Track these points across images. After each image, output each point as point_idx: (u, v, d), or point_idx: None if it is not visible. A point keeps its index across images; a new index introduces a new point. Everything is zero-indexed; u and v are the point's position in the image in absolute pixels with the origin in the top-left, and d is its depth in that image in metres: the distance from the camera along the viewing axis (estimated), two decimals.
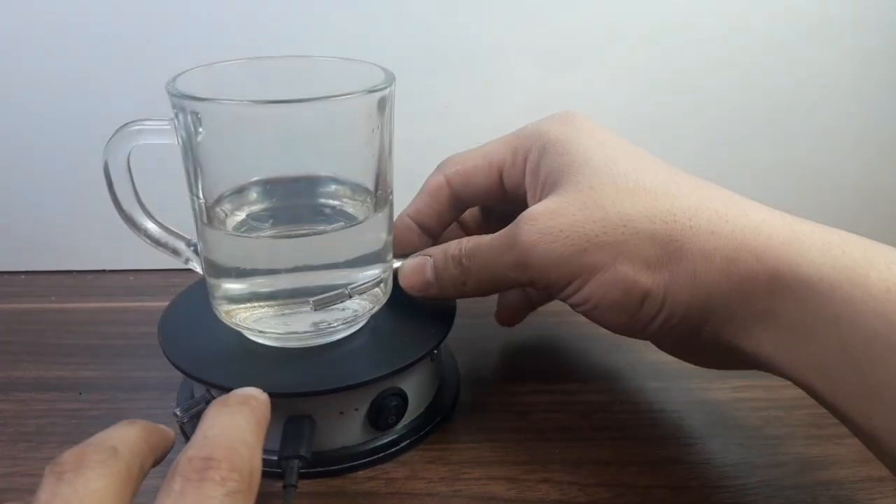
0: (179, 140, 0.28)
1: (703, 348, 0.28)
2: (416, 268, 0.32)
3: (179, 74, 0.28)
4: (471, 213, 0.37)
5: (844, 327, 0.23)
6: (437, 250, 0.32)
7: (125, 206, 0.31)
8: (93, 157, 0.30)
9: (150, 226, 0.32)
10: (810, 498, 0.30)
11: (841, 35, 0.47)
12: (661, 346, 0.31)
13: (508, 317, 0.39)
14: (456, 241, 0.31)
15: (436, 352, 0.33)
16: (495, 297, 0.47)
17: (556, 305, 0.47)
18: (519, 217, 0.28)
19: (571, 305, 0.29)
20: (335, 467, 0.31)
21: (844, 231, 0.25)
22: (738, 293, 0.25)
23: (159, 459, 0.23)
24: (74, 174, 0.47)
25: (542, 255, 0.27)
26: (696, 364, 0.31)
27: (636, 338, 0.30)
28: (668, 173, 0.28)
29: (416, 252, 0.34)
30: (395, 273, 0.33)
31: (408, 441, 0.33)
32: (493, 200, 0.34)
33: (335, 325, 0.31)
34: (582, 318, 0.44)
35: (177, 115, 0.28)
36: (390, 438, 0.32)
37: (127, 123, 0.29)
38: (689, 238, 0.26)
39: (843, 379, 0.23)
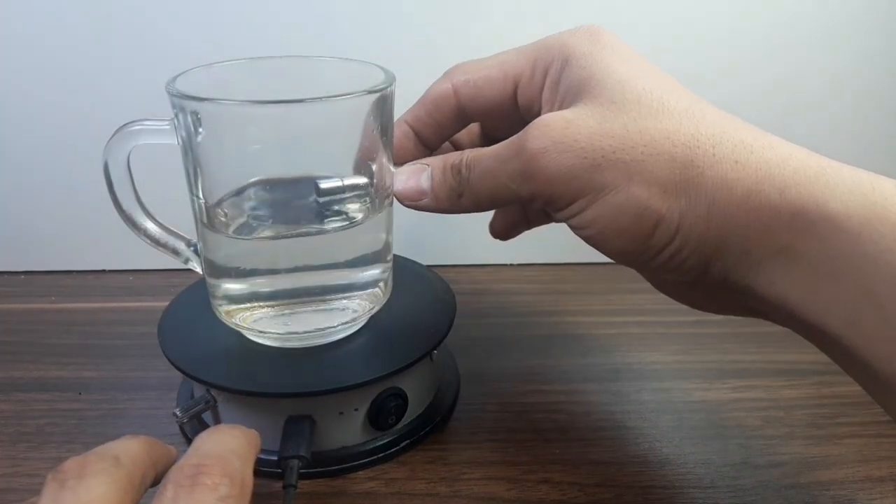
0: (179, 140, 0.28)
1: (706, 288, 0.27)
2: (413, 175, 0.30)
3: (179, 74, 0.28)
4: (468, 133, 0.34)
5: (870, 267, 0.21)
6: (436, 159, 0.30)
7: (125, 206, 0.31)
8: (93, 157, 0.30)
9: (150, 226, 0.32)
10: (810, 498, 0.30)
11: (841, 35, 0.47)
12: (661, 284, 0.29)
13: (503, 229, 0.36)
14: (458, 152, 0.29)
15: (435, 352, 0.33)
16: (496, 296, 0.48)
17: (555, 305, 0.47)
18: (530, 123, 0.26)
19: (573, 228, 0.27)
20: (335, 467, 0.31)
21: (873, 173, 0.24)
22: (757, 228, 0.24)
23: (160, 474, 0.23)
24: (74, 174, 0.47)
25: (550, 165, 0.25)
26: (691, 305, 0.30)
27: (639, 269, 0.28)
28: (694, 98, 0.26)
29: (405, 161, 0.31)
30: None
31: (408, 441, 0.33)
32: (501, 117, 0.31)
33: (335, 325, 0.31)
34: (582, 318, 0.45)
35: (177, 116, 0.28)
36: (390, 439, 0.32)
37: (127, 123, 0.29)
38: (711, 165, 0.24)
39: (864, 321, 0.22)
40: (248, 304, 0.31)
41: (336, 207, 0.31)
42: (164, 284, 0.48)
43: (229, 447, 0.23)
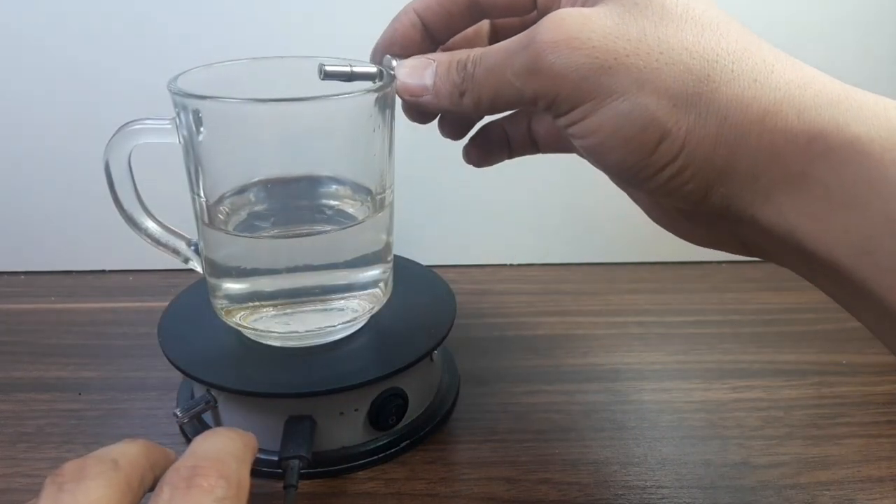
0: (181, 139, 0.28)
1: (704, 217, 0.26)
2: (416, 69, 0.28)
3: (181, 74, 0.28)
4: (476, 32, 0.32)
5: (891, 194, 0.21)
6: (443, 55, 0.28)
7: (126, 205, 0.31)
8: (93, 157, 0.30)
9: (151, 225, 0.32)
10: (810, 498, 0.30)
11: (841, 36, 0.47)
12: (655, 210, 0.28)
13: (477, 154, 0.33)
14: (465, 49, 0.27)
15: (436, 352, 0.33)
16: (496, 296, 0.48)
17: (554, 305, 0.47)
18: (546, 17, 0.24)
19: (572, 136, 0.25)
20: (335, 468, 0.31)
21: None
22: (768, 152, 0.22)
23: (158, 477, 0.23)
24: (74, 174, 0.47)
25: (559, 61, 0.23)
26: (683, 237, 0.28)
27: (636, 189, 0.27)
28: (722, 12, 0.24)
29: (409, 54, 0.29)
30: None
31: (408, 441, 0.33)
32: (517, 13, 0.29)
33: (336, 325, 0.31)
34: (582, 318, 0.45)
35: (178, 114, 0.28)
36: (390, 439, 0.32)
37: (128, 123, 0.29)
38: (728, 81, 0.22)
39: (880, 250, 0.21)
40: (249, 304, 0.31)
41: (336, 207, 0.31)
42: (164, 284, 0.48)
43: (226, 449, 0.23)
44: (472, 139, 0.33)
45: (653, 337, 0.42)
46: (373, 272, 0.32)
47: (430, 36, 0.30)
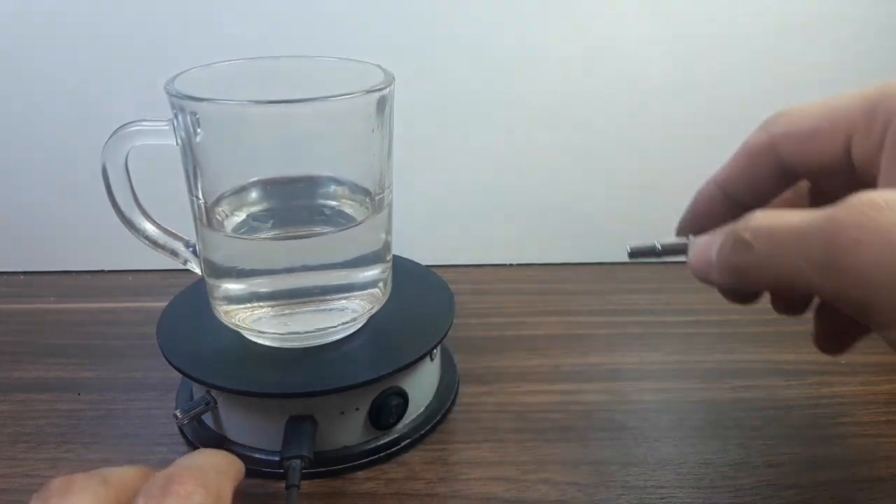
0: (179, 140, 0.28)
1: None
2: (703, 247, 0.25)
3: (178, 74, 0.28)
4: (796, 193, 0.28)
5: None
6: (729, 226, 0.24)
7: (123, 208, 0.31)
8: (92, 158, 0.30)
9: (149, 227, 0.31)
10: (810, 498, 0.30)
11: (842, 38, 0.47)
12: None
13: (826, 340, 0.27)
14: (749, 214, 0.22)
15: (435, 351, 0.33)
16: (496, 296, 0.48)
17: (554, 305, 0.47)
18: (851, 196, 0.19)
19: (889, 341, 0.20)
20: (336, 467, 0.31)
21: None
22: None
23: None
24: (74, 174, 0.47)
25: (865, 262, 0.18)
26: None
27: None
28: None
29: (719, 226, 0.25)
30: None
31: (408, 441, 0.33)
32: (833, 175, 0.25)
33: (335, 325, 0.31)
34: (582, 318, 0.45)
35: (176, 116, 0.28)
36: (391, 438, 0.32)
37: (125, 124, 0.29)
38: None
39: None
40: (248, 305, 0.31)
41: (335, 208, 0.31)
42: (164, 285, 0.48)
43: (208, 462, 0.22)
44: (815, 324, 0.27)
45: (653, 337, 0.42)
46: (372, 272, 0.32)
47: (738, 205, 0.27)
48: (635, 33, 0.46)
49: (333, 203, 0.32)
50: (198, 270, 0.32)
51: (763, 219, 0.22)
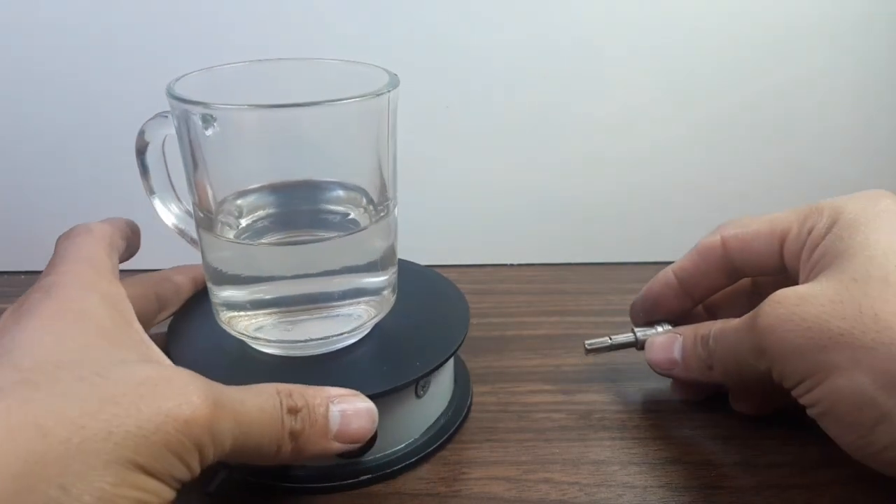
0: (180, 144, 0.28)
1: None
2: (664, 345, 0.32)
3: (180, 78, 0.28)
4: (734, 290, 0.35)
5: None
6: (687, 329, 0.32)
7: (156, 185, 0.31)
8: (92, 158, 0.30)
9: (176, 209, 0.31)
10: (810, 498, 0.30)
11: (840, 34, 0.47)
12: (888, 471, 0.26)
13: (746, 403, 0.34)
14: (708, 323, 0.31)
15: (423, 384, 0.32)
16: (496, 296, 0.48)
17: (554, 305, 0.47)
18: (766, 298, 0.27)
19: (803, 405, 0.27)
20: (348, 481, 0.30)
21: None
22: None
23: (133, 247, 0.30)
24: (74, 174, 0.47)
25: (778, 342, 0.25)
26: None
27: (862, 461, 0.26)
28: None
29: (667, 311, 0.34)
30: (644, 344, 0.34)
31: (419, 456, 0.31)
32: (769, 273, 0.31)
33: (340, 333, 0.30)
34: (582, 318, 0.45)
35: (177, 120, 0.27)
36: (403, 452, 0.31)
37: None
38: None
39: None
40: (251, 312, 0.30)
41: (339, 213, 0.30)
42: None
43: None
44: (733, 397, 0.34)
45: None
46: (377, 278, 0.31)
47: (687, 294, 0.33)
48: (635, 35, 0.46)
49: (338, 208, 0.31)
50: None
51: (718, 325, 0.30)
